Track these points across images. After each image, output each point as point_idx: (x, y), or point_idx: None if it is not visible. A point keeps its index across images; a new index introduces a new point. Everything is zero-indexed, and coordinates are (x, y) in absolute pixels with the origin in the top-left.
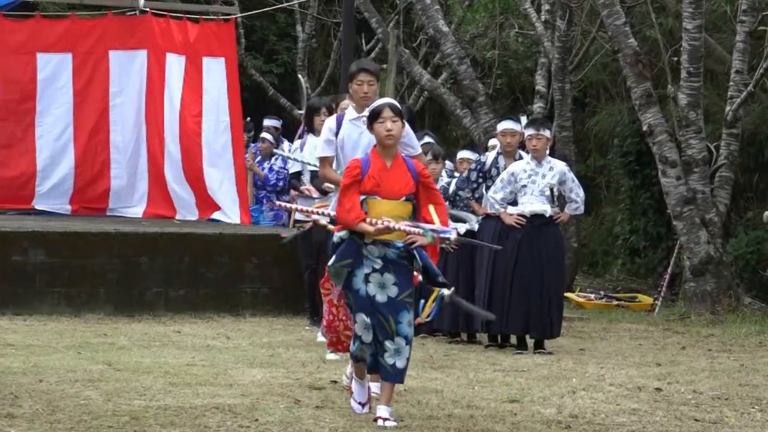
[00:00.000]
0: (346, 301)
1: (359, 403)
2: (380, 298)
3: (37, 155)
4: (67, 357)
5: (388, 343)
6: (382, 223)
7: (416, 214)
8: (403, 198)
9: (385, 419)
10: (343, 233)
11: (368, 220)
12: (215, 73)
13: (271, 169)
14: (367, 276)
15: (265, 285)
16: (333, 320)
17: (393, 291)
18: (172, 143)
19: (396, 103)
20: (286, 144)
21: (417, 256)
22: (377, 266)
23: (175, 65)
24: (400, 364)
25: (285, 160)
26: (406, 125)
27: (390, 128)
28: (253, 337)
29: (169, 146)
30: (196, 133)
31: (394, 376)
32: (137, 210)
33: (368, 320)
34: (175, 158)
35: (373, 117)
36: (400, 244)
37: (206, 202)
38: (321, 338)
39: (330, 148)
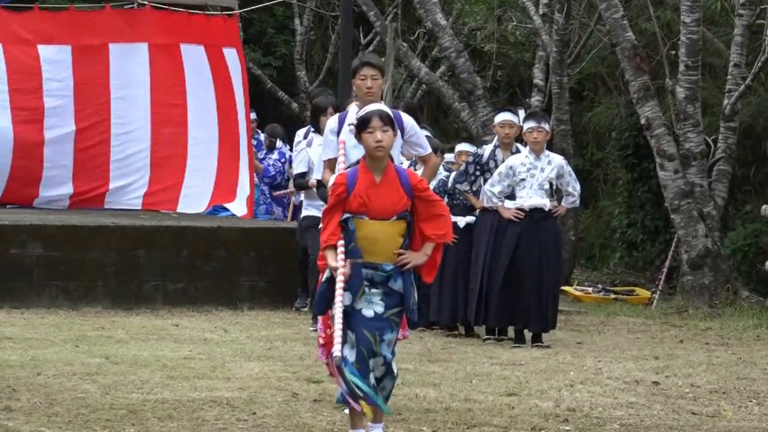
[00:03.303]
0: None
1: None
2: (366, 312)
3: (45, 147)
4: (64, 350)
5: (372, 361)
6: (344, 267)
7: (411, 231)
8: (395, 217)
9: None
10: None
11: (338, 255)
12: (234, 63)
13: (269, 163)
14: (350, 303)
15: (262, 279)
16: (329, 337)
17: (379, 307)
18: (205, 132)
19: (386, 110)
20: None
21: (401, 279)
22: (364, 286)
23: (193, 55)
24: (378, 383)
25: (282, 154)
26: (414, 123)
27: (380, 139)
28: (251, 330)
29: (195, 136)
30: (235, 123)
31: (376, 398)
32: (135, 201)
33: (353, 336)
34: (205, 148)
35: (361, 126)
36: (388, 267)
37: (227, 191)
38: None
39: (331, 150)
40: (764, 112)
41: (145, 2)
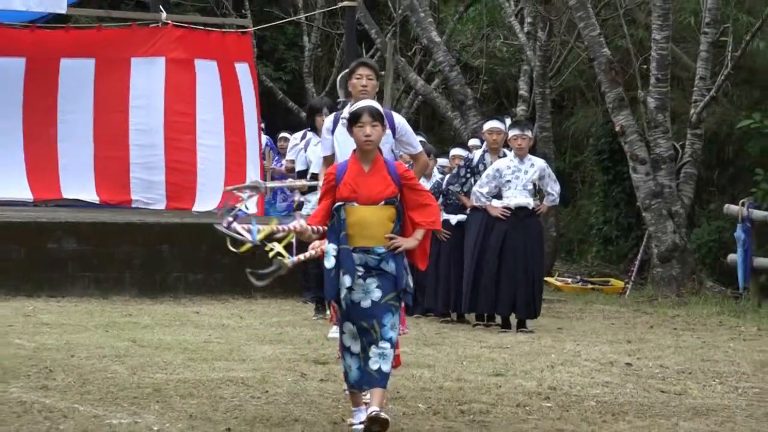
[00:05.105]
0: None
1: (361, 423)
2: (365, 303)
3: (58, 150)
4: (96, 335)
5: (373, 349)
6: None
7: (402, 219)
8: (383, 202)
9: (378, 413)
10: (330, 252)
11: (314, 236)
12: (245, 76)
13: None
14: (350, 285)
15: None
16: None
17: (376, 294)
18: (213, 139)
19: (377, 106)
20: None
21: (393, 261)
22: (359, 273)
23: (206, 70)
24: (385, 368)
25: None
26: (405, 123)
27: (369, 133)
28: (264, 317)
29: (205, 142)
30: (242, 131)
31: (380, 380)
32: (159, 204)
33: (354, 328)
34: (213, 154)
35: (353, 120)
36: (381, 250)
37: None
38: (333, 334)
39: (327, 147)
40: (727, 120)
41: (168, 21)
